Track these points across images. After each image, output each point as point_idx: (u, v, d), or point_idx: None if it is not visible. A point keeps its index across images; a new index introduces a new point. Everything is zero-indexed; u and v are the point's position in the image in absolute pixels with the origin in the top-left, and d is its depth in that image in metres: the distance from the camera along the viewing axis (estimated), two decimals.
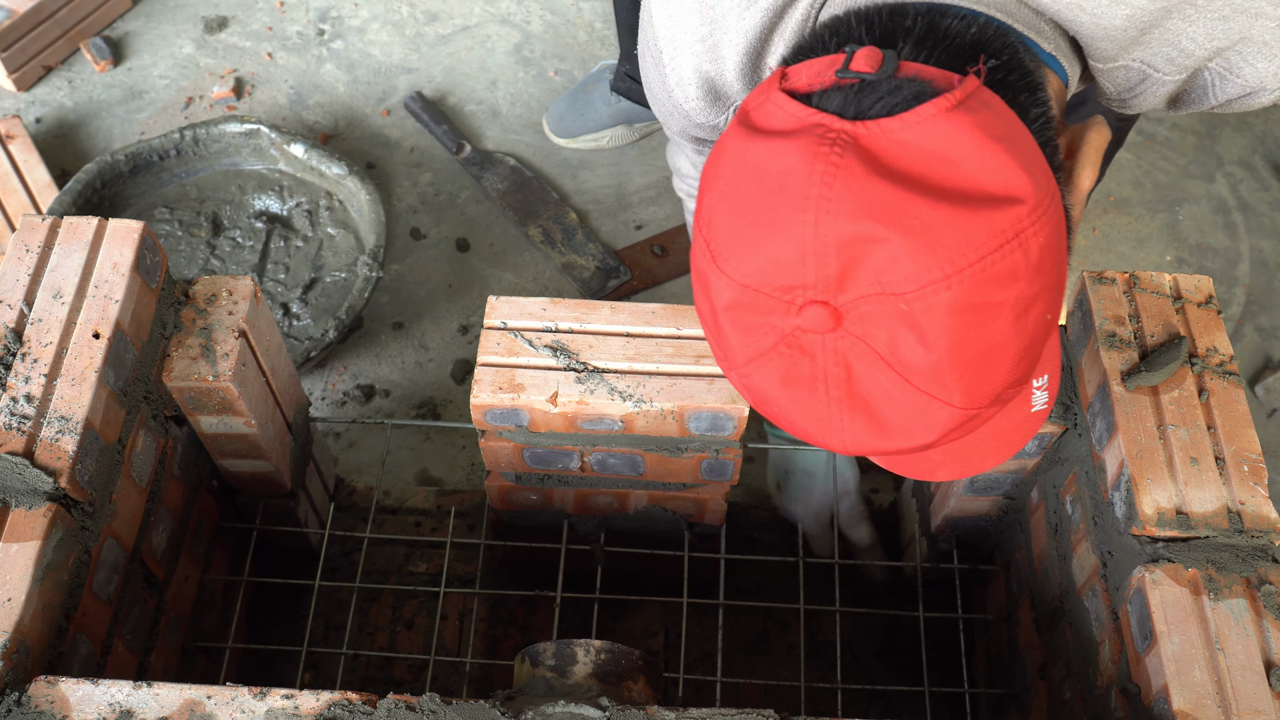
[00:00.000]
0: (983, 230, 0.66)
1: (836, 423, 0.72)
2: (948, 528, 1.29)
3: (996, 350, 0.69)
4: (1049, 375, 0.82)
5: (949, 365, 0.68)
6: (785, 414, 0.74)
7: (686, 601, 1.26)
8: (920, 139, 0.67)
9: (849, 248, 0.66)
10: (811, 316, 0.68)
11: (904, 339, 0.67)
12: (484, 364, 1.11)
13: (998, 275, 0.66)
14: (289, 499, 1.31)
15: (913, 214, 0.65)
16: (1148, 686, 0.90)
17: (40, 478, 0.93)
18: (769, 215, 0.68)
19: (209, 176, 1.87)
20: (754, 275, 0.69)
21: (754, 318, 0.71)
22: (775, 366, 0.72)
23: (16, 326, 1.01)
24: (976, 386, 0.70)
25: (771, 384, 0.73)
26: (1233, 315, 1.84)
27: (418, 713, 0.87)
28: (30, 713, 0.85)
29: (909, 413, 0.70)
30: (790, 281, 0.68)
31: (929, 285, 0.65)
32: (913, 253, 0.65)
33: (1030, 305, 0.69)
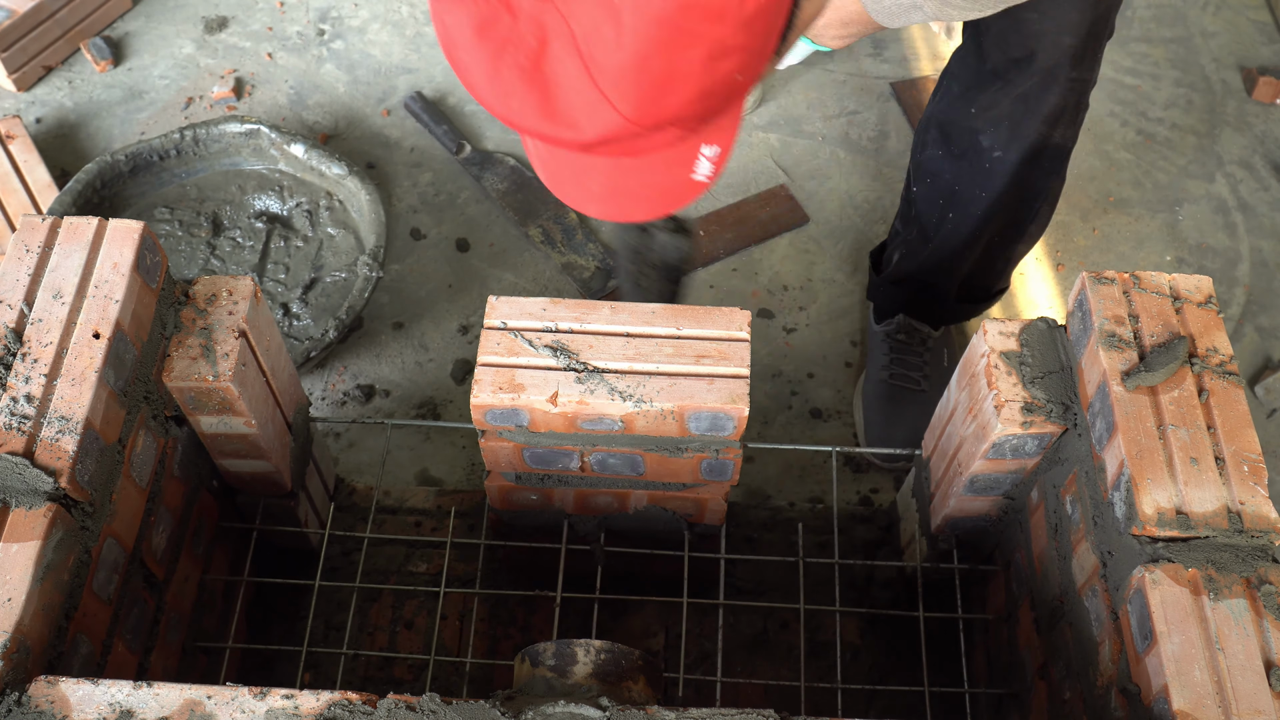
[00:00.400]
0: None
1: (512, 89, 0.74)
2: (948, 528, 1.29)
3: (678, 78, 0.71)
4: (720, 148, 0.83)
5: (631, 71, 0.69)
6: (466, 64, 0.75)
7: (686, 601, 1.26)
8: None
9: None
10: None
11: (603, 31, 0.69)
12: (484, 364, 1.11)
13: (709, 7, 0.68)
14: (289, 499, 1.31)
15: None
16: (1148, 686, 0.90)
17: (40, 478, 0.93)
18: None
19: (209, 176, 1.87)
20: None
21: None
22: (475, 11, 0.72)
23: (16, 326, 1.01)
24: (647, 104, 0.72)
25: (464, 30, 0.73)
26: (1233, 315, 1.84)
27: (418, 713, 0.87)
28: (30, 713, 0.85)
29: (580, 105, 0.72)
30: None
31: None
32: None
33: (726, 53, 0.71)
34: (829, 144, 2.03)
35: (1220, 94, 2.13)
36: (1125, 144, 2.05)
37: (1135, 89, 2.13)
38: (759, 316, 1.80)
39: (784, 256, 1.88)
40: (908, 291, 1.62)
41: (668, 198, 0.85)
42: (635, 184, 0.83)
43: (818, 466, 1.63)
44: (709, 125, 0.80)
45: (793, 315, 1.81)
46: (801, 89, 2.11)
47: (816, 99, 2.10)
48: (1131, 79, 2.15)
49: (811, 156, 2.02)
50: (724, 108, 0.78)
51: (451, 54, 0.77)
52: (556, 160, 0.87)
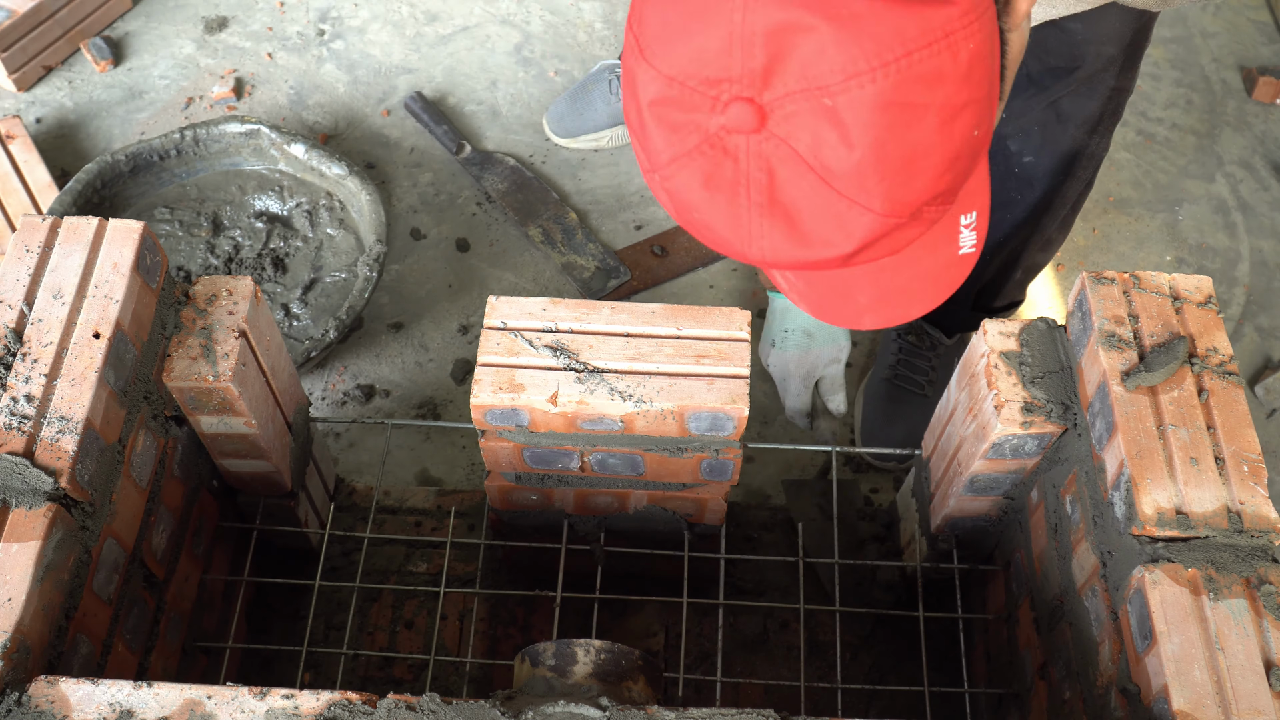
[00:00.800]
0: (912, 25, 0.65)
1: (756, 229, 0.72)
2: (947, 528, 1.29)
3: (920, 155, 0.68)
4: (977, 212, 0.81)
5: (870, 165, 0.67)
6: (705, 220, 0.73)
7: (686, 601, 1.26)
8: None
9: (776, 37, 0.65)
10: (736, 114, 0.67)
11: (827, 137, 0.67)
12: (484, 364, 1.11)
13: (925, 74, 0.66)
14: (289, 499, 1.31)
15: (842, 3, 0.65)
16: (1147, 686, 0.90)
17: (40, 478, 0.93)
18: (700, 5, 0.67)
19: (209, 176, 1.87)
20: (680, 68, 0.68)
21: (679, 114, 0.70)
22: (698, 168, 0.71)
23: (17, 326, 1.01)
24: (897, 192, 0.69)
25: (693, 187, 0.72)
26: (1233, 315, 1.84)
27: (418, 713, 0.87)
28: (30, 713, 0.85)
29: (828, 219, 0.70)
30: (716, 74, 0.67)
31: (854, 77, 0.65)
32: (840, 42, 0.64)
33: (957, 113, 0.68)
34: None
35: (1220, 94, 2.13)
36: (1125, 144, 2.05)
37: (1135, 89, 2.13)
38: (759, 316, 1.80)
39: None
40: None
41: (940, 283, 0.82)
42: (903, 281, 0.80)
43: (817, 467, 1.63)
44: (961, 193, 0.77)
45: None
46: None
47: None
48: None
49: None
50: (971, 168, 0.74)
51: (687, 218, 0.75)
52: (815, 286, 0.83)
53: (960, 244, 0.80)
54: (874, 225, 0.70)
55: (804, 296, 0.84)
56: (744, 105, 0.67)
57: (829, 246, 0.71)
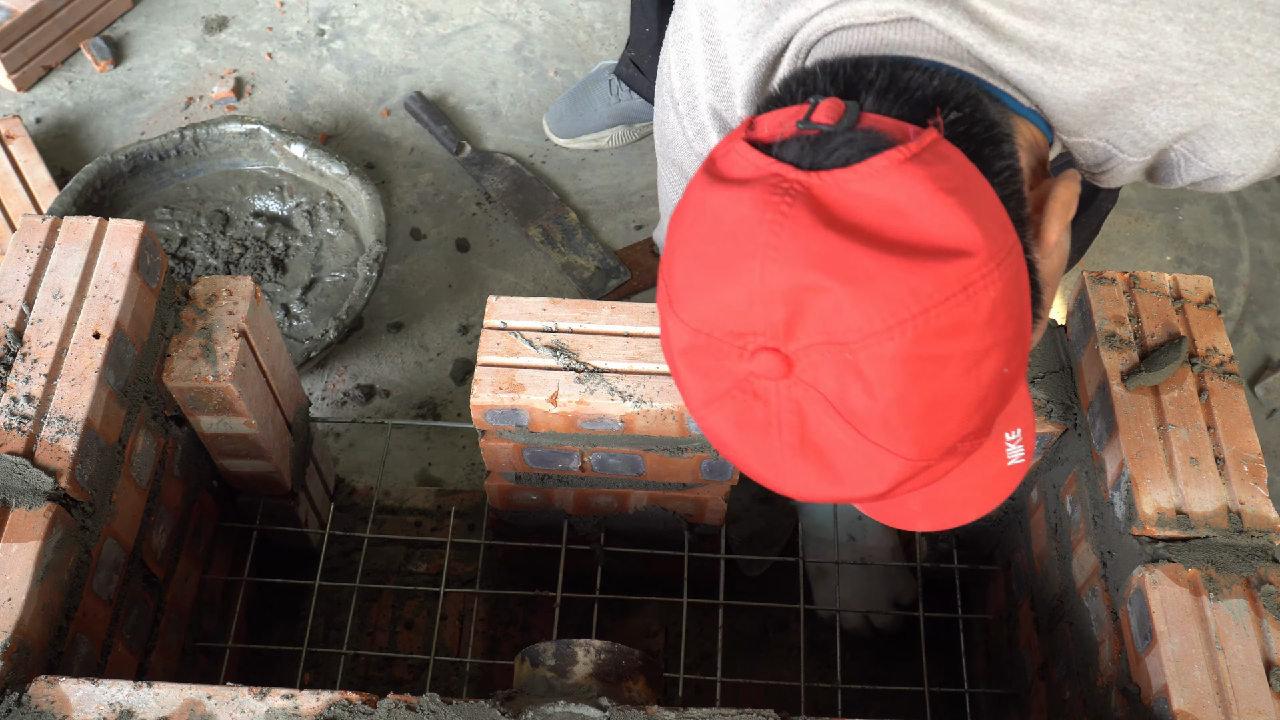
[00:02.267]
0: (927, 282, 0.65)
1: (789, 468, 0.72)
2: None
3: (946, 402, 0.68)
4: (1023, 429, 0.81)
5: (896, 415, 0.67)
6: (740, 457, 0.75)
7: (686, 601, 1.26)
8: (872, 190, 0.66)
9: (794, 296, 0.66)
10: (763, 363, 0.68)
11: (851, 388, 0.67)
12: (484, 364, 1.11)
13: (943, 327, 0.66)
14: (289, 499, 1.31)
15: (855, 264, 0.65)
16: (1148, 686, 0.90)
17: (40, 478, 0.93)
18: (721, 261, 0.68)
19: (209, 176, 1.87)
20: (706, 320, 0.69)
21: (709, 362, 0.71)
22: (730, 410, 0.72)
23: (16, 326, 1.01)
24: (926, 438, 0.69)
25: (726, 428, 0.73)
26: (1233, 315, 1.84)
27: (418, 713, 0.87)
28: (30, 713, 0.85)
29: (859, 461, 0.70)
30: (741, 328, 0.68)
31: (872, 335, 0.65)
32: (855, 302, 0.65)
33: (982, 359, 0.68)
34: None
35: None
36: None
37: None
38: None
39: None
40: None
41: (991, 492, 0.82)
42: (953, 493, 0.80)
43: None
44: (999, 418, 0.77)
45: None
46: None
47: None
48: None
49: None
50: (1003, 403, 0.74)
51: (724, 452, 0.76)
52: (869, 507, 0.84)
53: (1008, 457, 0.80)
54: (904, 468, 0.70)
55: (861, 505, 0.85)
56: (770, 355, 0.67)
57: (862, 486, 0.72)
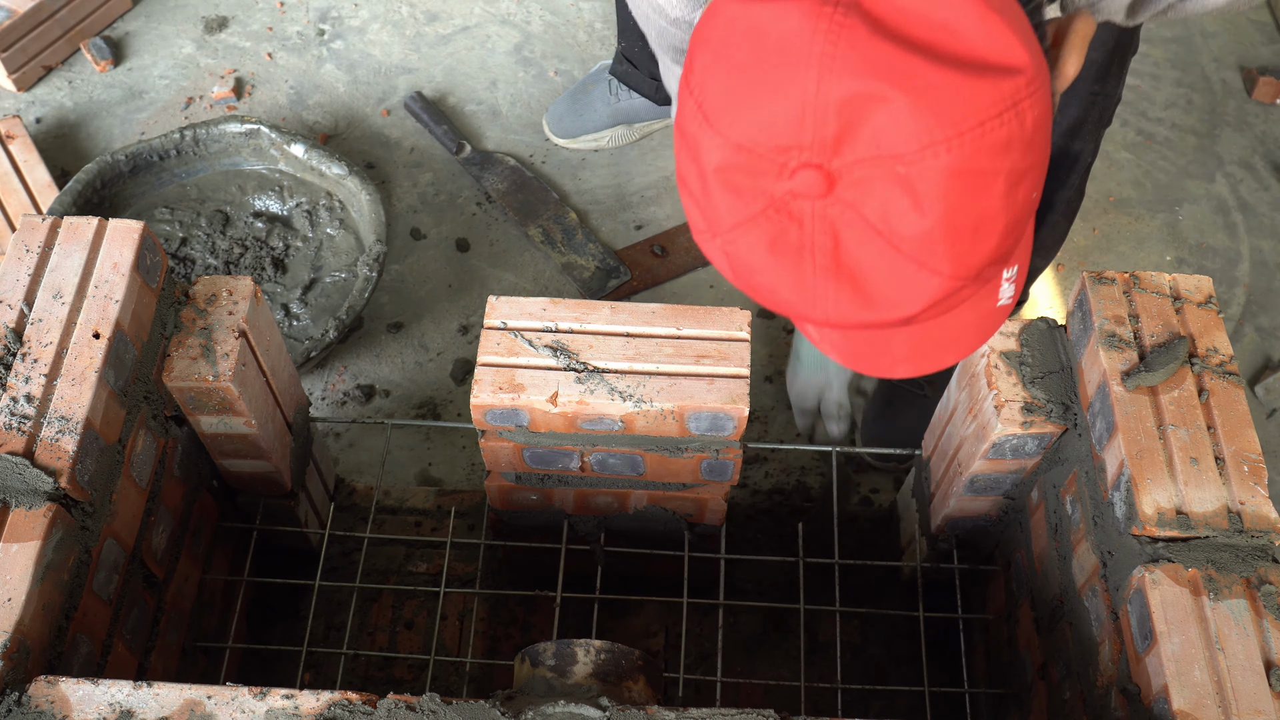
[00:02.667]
0: (984, 96, 0.66)
1: (820, 292, 0.72)
2: (948, 528, 1.29)
3: (987, 220, 0.70)
4: (1019, 266, 0.82)
5: (941, 232, 0.68)
6: (768, 284, 0.74)
7: (686, 601, 1.26)
8: (921, 5, 0.67)
9: (851, 107, 0.66)
10: (804, 181, 0.68)
11: (898, 204, 0.67)
12: (484, 364, 1.11)
13: (995, 143, 0.67)
14: (289, 499, 1.31)
15: (917, 75, 0.65)
16: (1148, 686, 0.90)
17: (40, 478, 0.93)
18: (768, 75, 0.68)
19: (209, 176, 1.87)
20: (749, 135, 0.68)
21: (745, 180, 0.70)
22: (763, 232, 0.71)
23: (16, 326, 1.01)
24: (965, 256, 0.70)
25: (757, 251, 0.72)
26: (1233, 315, 1.84)
27: (418, 713, 0.87)
28: (30, 713, 0.85)
29: (896, 282, 0.71)
30: (786, 142, 0.67)
31: (929, 147, 0.65)
32: (915, 113, 0.65)
33: (1021, 179, 0.70)
34: None
35: (1220, 94, 2.13)
36: (1125, 144, 2.05)
37: (1135, 89, 2.13)
38: (759, 316, 1.80)
39: None
40: None
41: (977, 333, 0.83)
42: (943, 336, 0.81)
43: (817, 466, 1.63)
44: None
45: None
46: None
47: None
48: (1131, 79, 2.14)
49: None
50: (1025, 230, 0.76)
51: (749, 281, 0.76)
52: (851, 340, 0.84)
53: (1000, 297, 0.81)
54: (941, 287, 0.71)
55: (837, 348, 0.85)
56: (812, 172, 0.67)
57: (895, 308, 0.72)
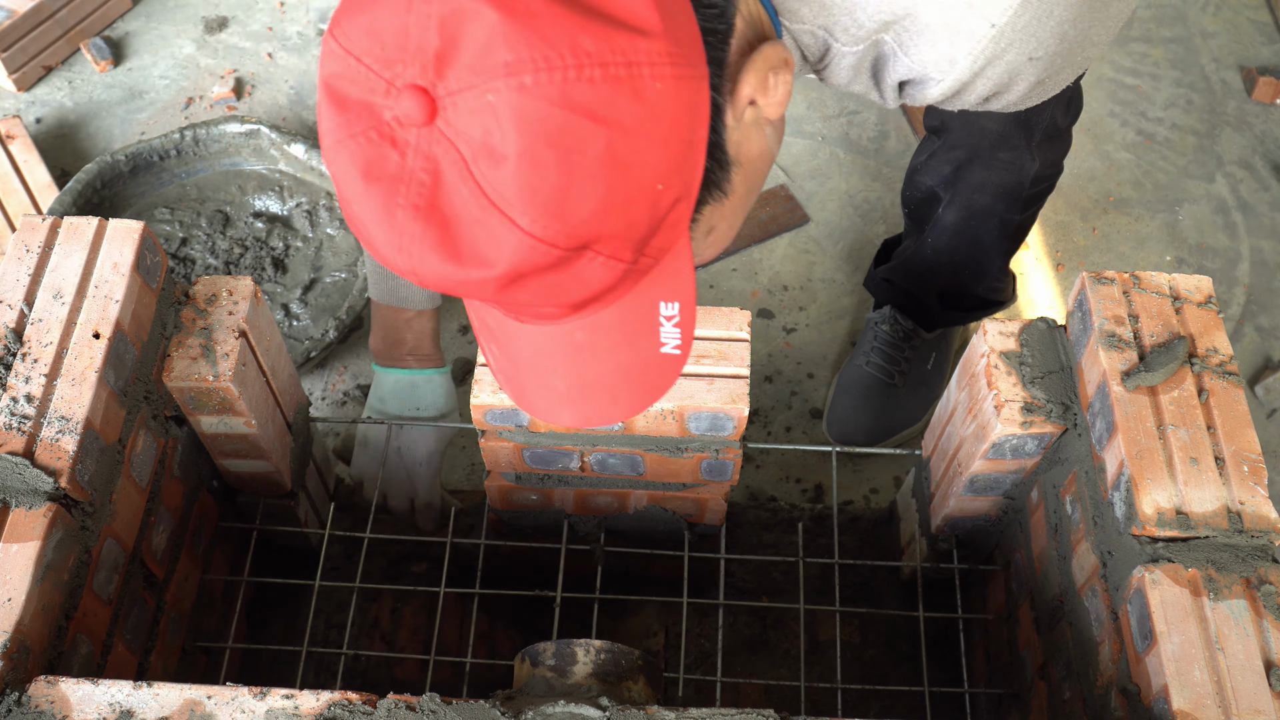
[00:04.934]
0: (589, 38, 0.61)
1: (410, 234, 0.65)
2: (947, 528, 1.29)
3: (579, 181, 0.63)
4: (680, 306, 0.75)
5: (522, 174, 0.62)
6: (361, 214, 0.67)
7: (686, 601, 1.26)
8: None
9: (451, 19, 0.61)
10: (407, 104, 0.62)
11: (488, 137, 0.62)
12: (484, 364, 1.11)
13: (595, 96, 0.61)
14: (289, 499, 1.31)
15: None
16: (1148, 686, 0.90)
17: (40, 478, 0.93)
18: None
19: (209, 176, 1.87)
20: (359, 44, 0.64)
21: (352, 91, 0.65)
22: (362, 154, 0.65)
23: (16, 326, 1.01)
24: (549, 214, 0.63)
25: (353, 174, 0.66)
26: (1233, 315, 1.84)
27: (418, 713, 0.87)
28: (30, 713, 0.85)
29: (482, 233, 0.64)
30: (391, 54, 0.63)
31: (516, 74, 0.61)
32: (507, 33, 0.60)
33: (632, 155, 0.63)
34: (829, 144, 2.04)
35: (1220, 94, 2.13)
36: (1125, 144, 2.05)
37: (1135, 89, 2.13)
38: (759, 316, 1.80)
39: (784, 256, 1.88)
40: (894, 290, 1.63)
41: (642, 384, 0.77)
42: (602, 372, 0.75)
43: (817, 466, 1.63)
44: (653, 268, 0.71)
45: (792, 315, 1.81)
46: (801, 89, 2.11)
47: (816, 99, 2.10)
48: (1131, 79, 2.15)
49: (811, 156, 2.02)
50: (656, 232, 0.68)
51: (347, 210, 0.69)
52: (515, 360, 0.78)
53: (662, 339, 0.75)
54: (523, 245, 0.64)
55: (504, 372, 0.80)
56: (416, 95, 0.62)
57: (478, 264, 0.65)
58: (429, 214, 0.65)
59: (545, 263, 0.65)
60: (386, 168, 0.65)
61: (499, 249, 0.64)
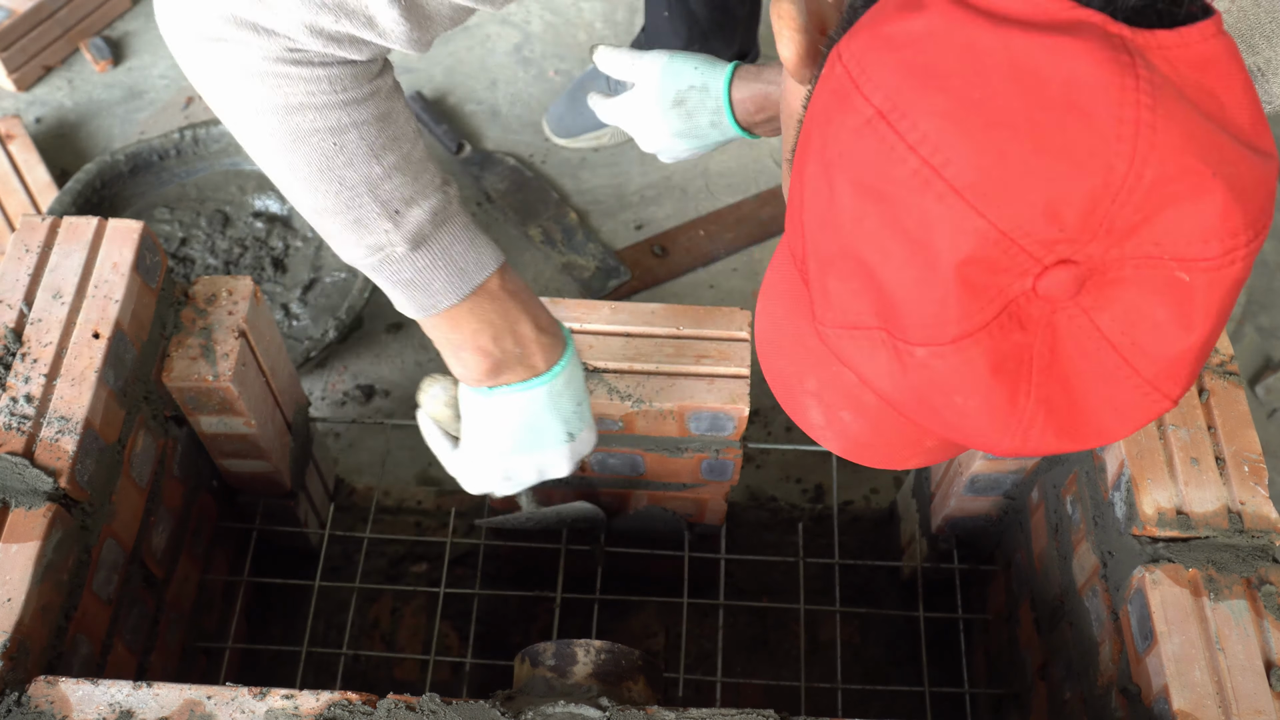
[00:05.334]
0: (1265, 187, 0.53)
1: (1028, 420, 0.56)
2: (948, 528, 1.29)
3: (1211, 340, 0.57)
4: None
5: (1199, 351, 0.55)
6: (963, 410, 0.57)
7: (686, 601, 1.26)
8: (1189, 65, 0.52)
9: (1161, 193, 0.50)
10: (1055, 280, 0.52)
11: (1154, 316, 0.53)
12: None
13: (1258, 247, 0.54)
14: (289, 499, 1.31)
15: (1229, 159, 0.51)
16: (1148, 686, 0.90)
17: (40, 478, 0.93)
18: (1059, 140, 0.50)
19: (209, 176, 1.87)
20: (1025, 220, 0.50)
21: (989, 277, 0.52)
22: (993, 346, 0.54)
23: (16, 326, 1.01)
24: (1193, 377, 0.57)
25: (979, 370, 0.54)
26: (1233, 315, 1.84)
27: (418, 713, 0.87)
28: (30, 713, 0.85)
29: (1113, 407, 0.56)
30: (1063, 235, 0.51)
31: (1231, 252, 0.52)
32: (1228, 209, 0.51)
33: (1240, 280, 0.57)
34: None
35: None
36: None
37: None
38: None
39: None
40: None
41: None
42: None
43: (817, 466, 1.63)
44: None
45: None
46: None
47: None
48: None
49: None
50: None
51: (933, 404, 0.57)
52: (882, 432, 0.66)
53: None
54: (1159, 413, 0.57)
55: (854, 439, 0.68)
56: (1068, 269, 0.52)
57: (1098, 436, 0.58)
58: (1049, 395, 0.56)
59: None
60: (1012, 354, 0.55)
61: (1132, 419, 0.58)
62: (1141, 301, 0.53)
